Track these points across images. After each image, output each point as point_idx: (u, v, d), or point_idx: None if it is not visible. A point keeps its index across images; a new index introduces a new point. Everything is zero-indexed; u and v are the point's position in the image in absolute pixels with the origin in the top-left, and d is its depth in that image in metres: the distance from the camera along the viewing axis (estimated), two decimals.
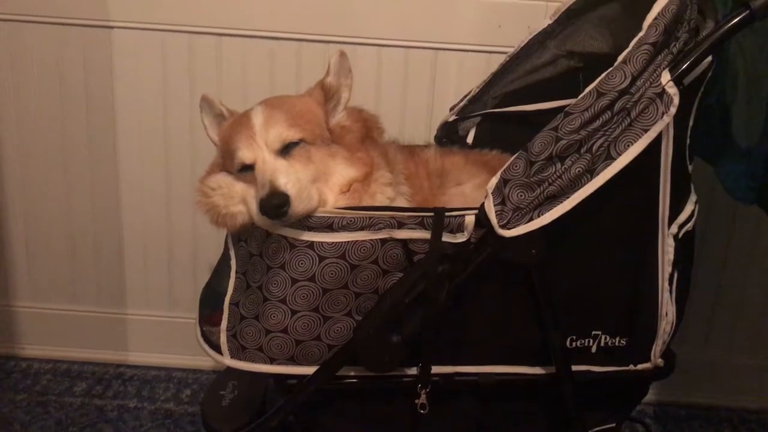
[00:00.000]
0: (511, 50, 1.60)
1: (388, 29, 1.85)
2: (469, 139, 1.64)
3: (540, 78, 1.56)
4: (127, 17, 1.87)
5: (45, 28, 1.89)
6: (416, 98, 1.90)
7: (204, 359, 1.38)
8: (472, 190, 1.42)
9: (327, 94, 1.35)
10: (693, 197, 1.34)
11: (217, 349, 1.30)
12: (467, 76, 1.85)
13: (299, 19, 1.85)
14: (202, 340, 1.34)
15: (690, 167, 1.31)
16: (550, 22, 1.54)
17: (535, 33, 1.55)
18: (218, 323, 1.30)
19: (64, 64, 1.92)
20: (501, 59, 1.62)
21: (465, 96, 1.63)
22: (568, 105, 1.17)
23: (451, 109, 1.65)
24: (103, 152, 1.99)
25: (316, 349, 1.26)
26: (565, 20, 1.53)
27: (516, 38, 1.60)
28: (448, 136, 1.65)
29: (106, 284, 2.12)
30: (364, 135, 1.36)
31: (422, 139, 1.73)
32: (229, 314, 1.29)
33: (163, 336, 2.14)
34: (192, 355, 2.10)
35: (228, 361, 1.29)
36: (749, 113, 1.35)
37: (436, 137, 1.66)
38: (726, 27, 1.12)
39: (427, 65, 1.88)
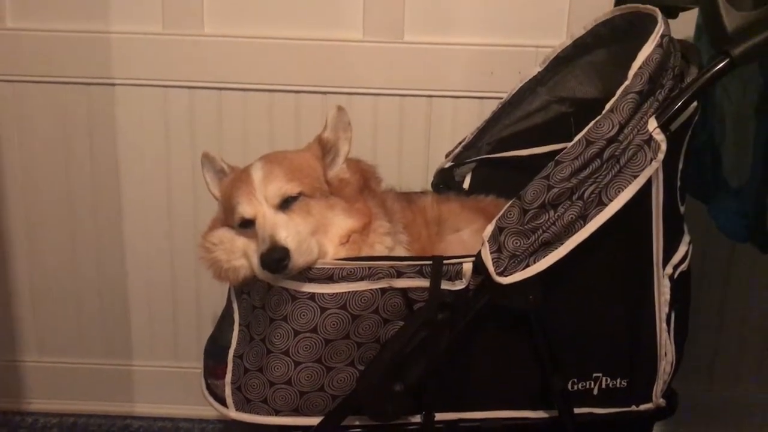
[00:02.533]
0: (503, 96, 1.63)
1: (383, 78, 1.89)
2: (466, 185, 1.67)
3: (532, 123, 1.60)
4: (129, 74, 1.92)
5: (49, 87, 1.94)
6: (412, 145, 1.93)
7: (210, 409, 1.39)
8: (469, 236, 1.44)
9: (324, 149, 1.38)
10: (686, 238, 1.36)
11: (222, 401, 1.31)
12: (461, 121, 1.89)
13: (297, 72, 1.89)
14: (207, 393, 1.35)
15: (682, 208, 1.33)
16: (540, 69, 1.57)
17: (526, 80, 1.59)
18: (223, 376, 1.32)
19: (68, 122, 1.96)
20: (494, 105, 1.65)
21: (460, 143, 1.66)
22: (560, 149, 1.20)
23: (447, 155, 1.68)
24: (107, 207, 2.02)
25: (320, 400, 1.27)
26: (555, 67, 1.56)
27: (508, 84, 1.64)
28: (445, 182, 1.68)
29: (112, 336, 2.13)
30: (362, 186, 1.39)
31: (419, 185, 1.77)
32: (233, 367, 1.31)
33: (169, 386, 2.14)
34: (198, 405, 2.10)
35: (233, 414, 1.30)
36: (737, 154, 1.38)
37: (432, 184, 1.70)
38: (707, 75, 1.15)
39: (421, 112, 1.92)
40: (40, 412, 2.18)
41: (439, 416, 1.28)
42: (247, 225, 1.30)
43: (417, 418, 1.29)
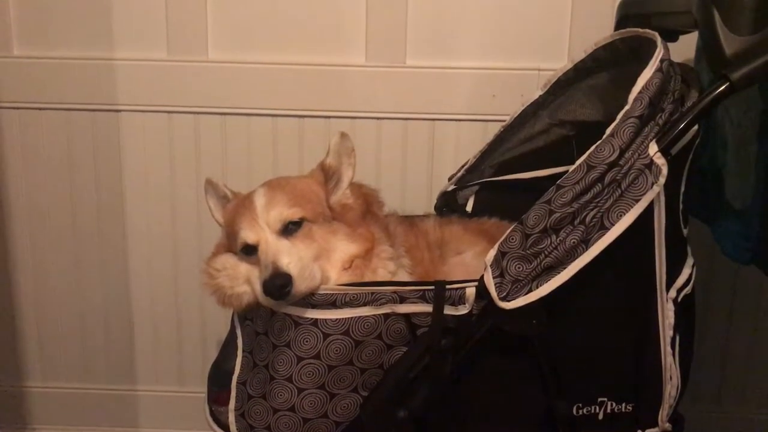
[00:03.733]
0: (505, 119, 1.64)
1: (386, 102, 1.90)
2: (469, 208, 1.67)
3: (534, 147, 1.60)
4: (134, 100, 1.93)
5: (55, 114, 1.95)
6: (415, 168, 1.94)
7: None
8: (472, 258, 1.44)
9: (327, 175, 1.39)
10: (690, 260, 1.36)
11: (225, 428, 1.31)
12: (464, 144, 1.89)
13: (300, 96, 1.90)
14: (210, 420, 1.35)
15: (685, 231, 1.33)
16: (542, 92, 1.58)
17: (528, 104, 1.59)
18: (226, 402, 1.32)
19: (73, 148, 1.97)
20: (496, 128, 1.66)
21: (462, 166, 1.67)
22: (563, 172, 1.21)
23: (450, 178, 1.69)
24: (112, 232, 2.02)
25: (323, 427, 1.26)
26: (556, 90, 1.57)
27: (510, 107, 1.65)
28: (448, 205, 1.68)
29: (117, 362, 2.13)
30: (365, 210, 1.40)
31: (422, 208, 1.77)
32: (236, 393, 1.30)
33: (174, 412, 2.13)
34: (203, 430, 2.08)
35: None
36: (740, 176, 1.38)
37: (436, 207, 1.70)
38: (707, 99, 1.15)
39: (424, 136, 1.92)
40: None
41: None
42: (249, 251, 1.30)
43: None
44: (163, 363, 2.12)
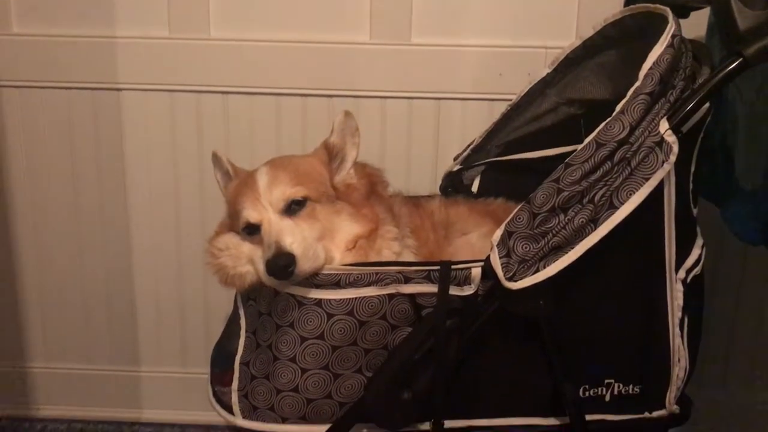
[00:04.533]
0: (512, 98, 1.62)
1: (391, 81, 1.88)
2: (474, 188, 1.65)
3: (542, 126, 1.58)
4: (135, 79, 1.91)
5: (55, 93, 1.93)
6: (420, 148, 1.92)
7: (218, 415, 1.39)
8: (477, 239, 1.42)
9: (330, 154, 1.37)
10: (699, 241, 1.34)
11: (228, 409, 1.30)
12: (470, 124, 1.87)
13: (303, 75, 1.88)
14: (213, 400, 1.34)
15: (695, 211, 1.31)
16: (549, 70, 1.56)
17: (535, 82, 1.57)
18: (229, 383, 1.31)
19: (74, 127, 1.95)
20: (503, 107, 1.64)
21: (468, 145, 1.65)
22: (570, 151, 1.19)
23: (455, 158, 1.67)
24: (114, 212, 2.01)
25: (327, 408, 1.25)
26: (564, 68, 1.54)
27: (517, 85, 1.62)
28: (453, 185, 1.66)
29: (120, 342, 2.12)
30: (369, 191, 1.38)
31: (428, 188, 1.75)
32: (239, 374, 1.29)
33: (177, 392, 2.13)
34: (206, 411, 2.07)
35: (240, 421, 1.28)
36: (751, 155, 1.36)
37: (441, 187, 1.68)
38: (720, 75, 1.13)
39: (430, 115, 1.90)
40: (49, 419, 2.18)
41: (449, 424, 1.27)
42: (252, 230, 1.29)
43: (426, 426, 1.27)
44: (166, 344, 2.11)
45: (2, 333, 2.13)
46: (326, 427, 1.26)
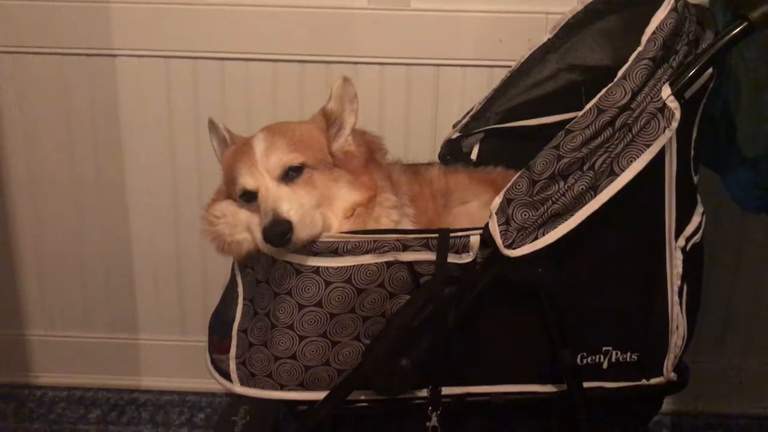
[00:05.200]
0: (512, 64, 1.59)
1: (389, 47, 1.85)
2: (473, 156, 1.64)
3: (542, 92, 1.56)
4: (130, 45, 1.89)
5: (49, 59, 1.91)
6: (419, 115, 1.90)
7: (217, 383, 1.40)
8: (477, 208, 1.41)
9: (328, 120, 1.35)
10: (699, 209, 1.33)
11: (226, 376, 1.30)
12: (469, 91, 1.85)
13: (301, 41, 1.85)
14: (212, 368, 1.34)
15: (695, 179, 1.30)
16: (550, 36, 1.53)
17: (536, 48, 1.55)
18: (227, 351, 1.30)
19: (69, 93, 1.93)
20: (503, 73, 1.61)
21: (468, 113, 1.63)
22: (571, 119, 1.17)
23: (454, 126, 1.65)
24: (111, 180, 2.00)
25: (325, 374, 1.25)
26: (565, 34, 1.52)
27: (517, 52, 1.60)
28: (452, 153, 1.64)
29: (118, 311, 2.13)
30: (368, 158, 1.36)
31: (426, 156, 1.73)
32: (237, 341, 1.29)
33: (176, 360, 2.14)
34: (205, 378, 2.08)
35: (238, 388, 1.29)
36: (753, 122, 1.34)
37: (440, 155, 1.66)
38: (725, 39, 1.12)
39: (429, 82, 1.88)
40: (48, 386, 2.19)
41: (446, 390, 1.27)
42: (249, 197, 1.27)
43: (424, 393, 1.27)
44: (164, 312, 2.11)
45: (1, 301, 2.13)
46: (324, 393, 1.26)
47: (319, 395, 1.26)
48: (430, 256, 1.20)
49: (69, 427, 2.04)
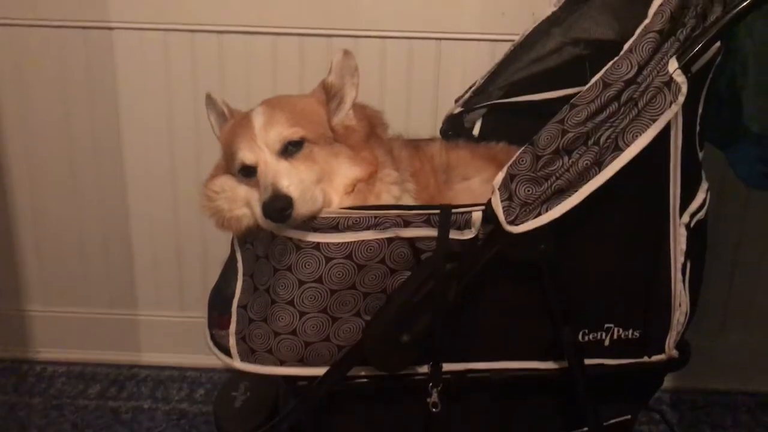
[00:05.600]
0: (515, 38, 1.57)
1: (391, 21, 1.83)
2: (476, 131, 1.62)
3: (546, 67, 1.54)
4: (128, 17, 1.86)
5: (46, 32, 1.89)
6: (421, 90, 1.88)
7: (217, 359, 1.40)
8: (479, 184, 1.40)
9: (329, 94, 1.33)
10: (704, 185, 1.32)
11: (226, 352, 1.29)
12: (472, 65, 1.83)
13: (300, 14, 1.83)
14: (211, 344, 1.33)
15: (700, 155, 1.29)
16: (555, 9, 1.51)
17: (540, 21, 1.53)
18: (227, 326, 1.30)
19: (66, 67, 1.91)
20: (506, 48, 1.59)
21: (470, 87, 1.61)
22: (575, 94, 1.15)
23: (457, 101, 1.63)
24: (109, 155, 1.98)
25: (325, 350, 1.25)
26: (570, 7, 1.50)
27: (520, 26, 1.58)
28: (454, 128, 1.63)
29: (117, 286, 2.12)
30: (368, 133, 1.34)
31: (428, 131, 1.72)
32: (237, 317, 1.28)
33: (175, 336, 2.14)
34: (204, 354, 2.08)
35: (238, 364, 1.28)
36: (760, 97, 1.33)
37: (441, 130, 1.65)
38: (734, 12, 1.09)
39: (431, 56, 1.86)
40: (48, 361, 2.19)
41: (447, 367, 1.26)
42: (248, 172, 1.26)
43: (424, 369, 1.26)
44: (163, 288, 2.11)
45: (1, 277, 2.13)
46: (324, 369, 1.25)
47: (320, 371, 1.26)
48: (432, 232, 1.19)
49: (69, 402, 2.04)
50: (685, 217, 1.24)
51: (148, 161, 1.98)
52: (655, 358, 1.31)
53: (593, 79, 1.12)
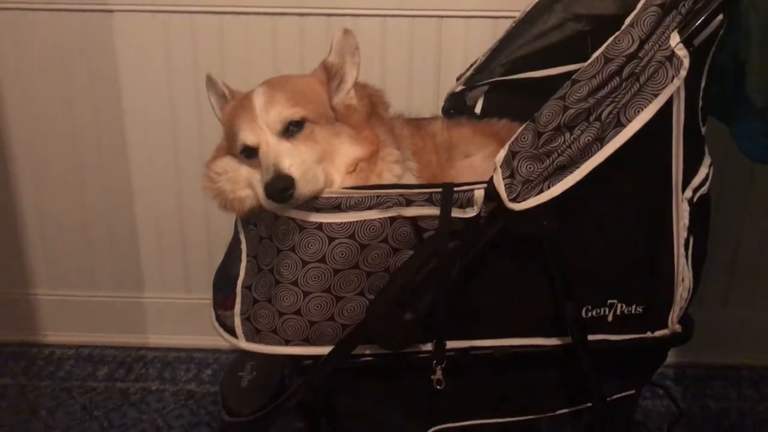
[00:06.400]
0: (517, 15, 1.56)
1: None
2: (477, 109, 1.61)
3: (547, 43, 1.53)
4: (127, 0, 1.85)
5: (45, 15, 1.88)
6: (422, 68, 1.87)
7: (223, 340, 1.42)
8: (481, 161, 1.40)
9: (330, 74, 1.32)
10: (707, 160, 1.31)
11: (231, 332, 1.30)
12: (473, 43, 1.82)
13: None
14: (216, 324, 1.34)
15: (703, 129, 1.28)
16: None
17: None
18: (232, 307, 1.30)
19: (66, 51, 1.91)
20: (507, 25, 1.58)
21: (471, 65, 1.60)
22: (576, 70, 1.15)
23: (458, 78, 1.62)
24: (112, 138, 1.99)
25: (330, 330, 1.25)
26: None
27: (522, 2, 1.57)
28: (456, 106, 1.62)
29: (123, 269, 2.13)
30: (370, 112, 1.34)
31: (429, 110, 1.71)
32: (242, 298, 1.29)
33: (182, 317, 2.16)
34: (211, 335, 2.10)
35: (243, 344, 1.29)
36: (764, 70, 1.31)
37: (443, 108, 1.64)
38: None
39: (432, 34, 1.85)
40: (57, 344, 2.21)
41: (450, 344, 1.27)
42: (250, 153, 1.26)
43: (428, 347, 1.27)
44: (168, 270, 2.12)
45: (6, 261, 2.14)
46: (329, 348, 1.26)
47: (324, 350, 1.26)
48: (434, 211, 1.19)
49: (78, 385, 2.06)
50: (688, 192, 1.24)
51: (151, 144, 1.98)
52: (659, 333, 1.31)
53: (594, 55, 1.12)
